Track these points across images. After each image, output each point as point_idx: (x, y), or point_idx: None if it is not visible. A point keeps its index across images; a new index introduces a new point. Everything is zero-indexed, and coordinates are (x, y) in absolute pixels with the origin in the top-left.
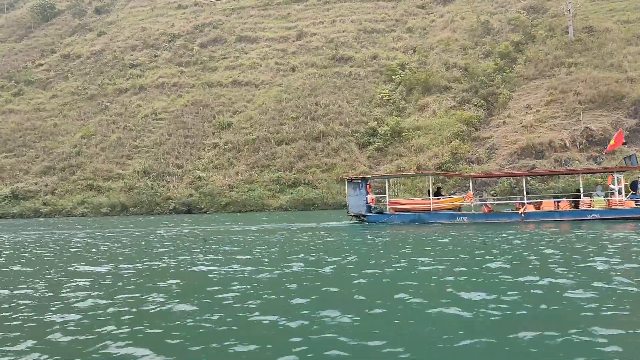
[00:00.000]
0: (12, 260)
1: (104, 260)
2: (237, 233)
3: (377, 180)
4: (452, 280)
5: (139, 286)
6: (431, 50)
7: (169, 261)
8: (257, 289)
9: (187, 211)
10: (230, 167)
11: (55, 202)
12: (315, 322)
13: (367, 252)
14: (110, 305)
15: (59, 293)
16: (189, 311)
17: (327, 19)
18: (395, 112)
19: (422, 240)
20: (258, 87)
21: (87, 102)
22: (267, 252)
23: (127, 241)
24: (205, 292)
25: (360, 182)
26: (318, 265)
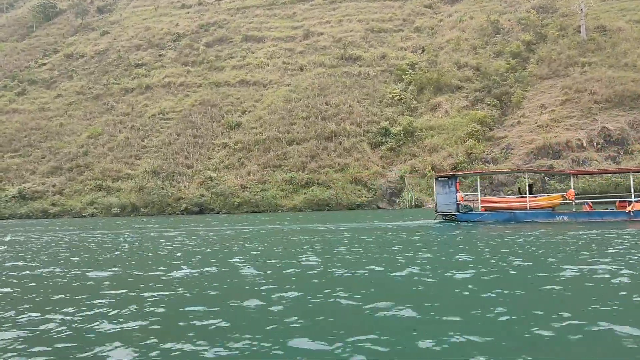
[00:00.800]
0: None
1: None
2: (324, 232)
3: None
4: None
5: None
6: (440, 50)
7: (348, 266)
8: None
9: (199, 212)
10: (241, 167)
11: (64, 202)
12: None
13: (516, 253)
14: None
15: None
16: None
17: (334, 19)
18: (407, 111)
19: (550, 241)
20: (266, 87)
21: (92, 102)
22: (413, 253)
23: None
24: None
25: (449, 180)
26: (496, 267)
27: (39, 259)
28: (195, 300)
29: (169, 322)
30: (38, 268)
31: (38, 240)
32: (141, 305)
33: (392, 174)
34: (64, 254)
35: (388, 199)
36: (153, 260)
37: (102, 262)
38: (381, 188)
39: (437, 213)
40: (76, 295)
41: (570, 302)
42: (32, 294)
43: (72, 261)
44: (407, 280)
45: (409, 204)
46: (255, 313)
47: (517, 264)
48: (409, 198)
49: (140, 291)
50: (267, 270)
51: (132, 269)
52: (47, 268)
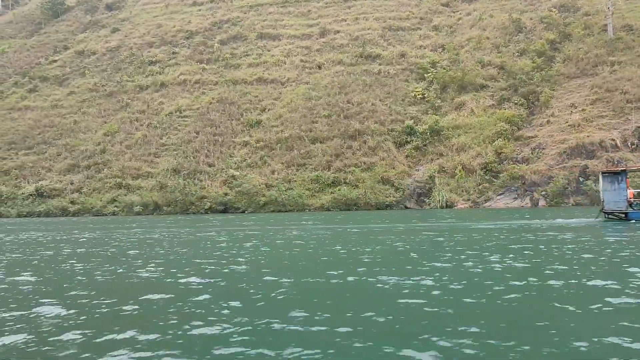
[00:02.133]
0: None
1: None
2: (473, 232)
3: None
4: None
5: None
6: (461, 48)
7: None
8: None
9: (223, 210)
10: (264, 166)
11: (83, 200)
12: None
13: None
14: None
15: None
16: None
17: (350, 17)
18: (431, 110)
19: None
20: (284, 85)
21: (106, 99)
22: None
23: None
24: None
25: (618, 175)
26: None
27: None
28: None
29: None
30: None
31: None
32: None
33: (419, 174)
34: (265, 257)
35: (416, 199)
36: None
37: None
38: (408, 188)
39: (602, 211)
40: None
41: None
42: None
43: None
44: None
45: (440, 204)
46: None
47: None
48: (440, 198)
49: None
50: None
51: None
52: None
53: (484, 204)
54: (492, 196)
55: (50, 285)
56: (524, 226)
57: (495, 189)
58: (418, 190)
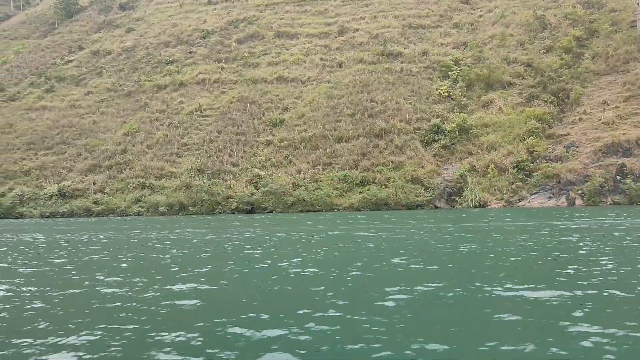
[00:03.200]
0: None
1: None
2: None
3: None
4: None
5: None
6: (484, 46)
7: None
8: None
9: (250, 211)
10: (289, 165)
11: (107, 200)
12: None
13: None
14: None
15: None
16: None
17: (368, 15)
18: (457, 108)
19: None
20: (305, 84)
21: (124, 99)
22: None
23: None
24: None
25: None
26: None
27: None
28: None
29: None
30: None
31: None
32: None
33: (448, 173)
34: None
35: (446, 199)
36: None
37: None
38: (438, 187)
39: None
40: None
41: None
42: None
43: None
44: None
45: (473, 204)
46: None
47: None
48: (472, 197)
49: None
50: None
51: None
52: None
53: (517, 203)
54: (526, 195)
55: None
56: (615, 226)
57: (529, 188)
58: (448, 190)
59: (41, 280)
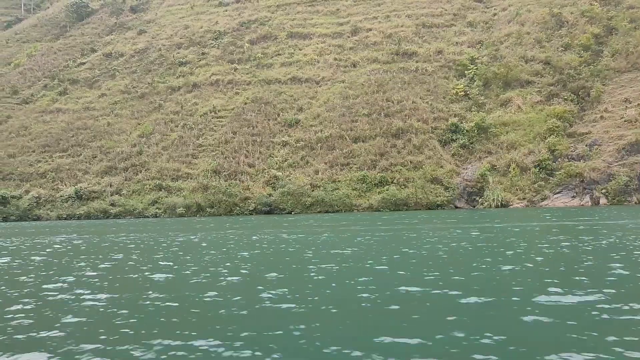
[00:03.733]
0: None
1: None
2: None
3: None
4: None
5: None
6: (500, 44)
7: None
8: None
9: (268, 212)
10: (307, 166)
11: (124, 202)
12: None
13: None
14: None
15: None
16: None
17: (381, 14)
18: (475, 107)
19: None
20: (319, 84)
21: (138, 101)
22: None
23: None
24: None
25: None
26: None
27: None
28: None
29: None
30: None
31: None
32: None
33: (467, 172)
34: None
35: (466, 199)
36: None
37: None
38: (458, 187)
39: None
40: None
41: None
42: None
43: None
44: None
45: (494, 204)
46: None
47: None
48: (494, 197)
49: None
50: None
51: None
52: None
53: (540, 202)
54: (549, 195)
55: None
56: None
57: (552, 188)
58: (468, 190)
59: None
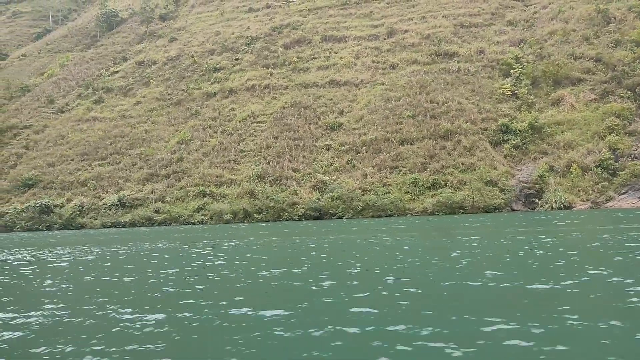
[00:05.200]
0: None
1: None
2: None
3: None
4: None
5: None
6: (545, 42)
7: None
8: None
9: (318, 217)
10: (353, 170)
11: (169, 209)
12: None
13: None
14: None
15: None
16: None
17: (416, 15)
18: (524, 107)
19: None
20: (358, 86)
21: (174, 108)
22: None
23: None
24: None
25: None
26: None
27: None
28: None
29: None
30: None
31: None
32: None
33: (523, 174)
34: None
35: (524, 201)
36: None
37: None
38: (514, 189)
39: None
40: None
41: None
42: None
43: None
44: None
45: (556, 206)
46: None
47: None
48: (556, 199)
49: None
50: None
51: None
52: None
53: (605, 204)
54: (614, 196)
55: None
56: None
57: (616, 188)
58: (525, 191)
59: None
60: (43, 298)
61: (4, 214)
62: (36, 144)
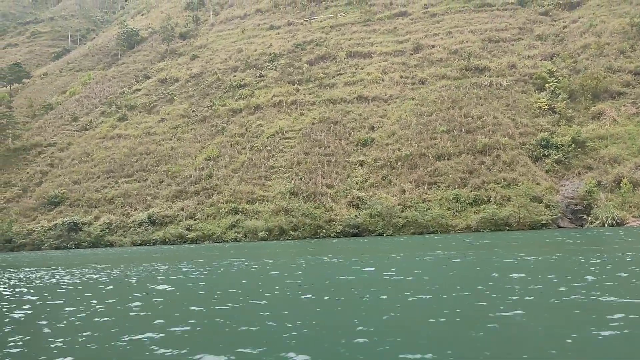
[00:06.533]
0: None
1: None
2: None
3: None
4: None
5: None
6: (577, 56)
7: None
8: None
9: (356, 234)
10: (390, 186)
11: (202, 227)
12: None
13: None
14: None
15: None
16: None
17: (442, 31)
18: (563, 121)
19: None
20: (387, 102)
21: (200, 124)
22: None
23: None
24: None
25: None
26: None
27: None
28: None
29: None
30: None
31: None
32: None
33: (567, 189)
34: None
35: (570, 217)
36: None
37: None
38: (559, 205)
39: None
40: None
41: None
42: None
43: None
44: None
45: (607, 222)
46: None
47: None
48: (607, 215)
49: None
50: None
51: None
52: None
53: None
54: None
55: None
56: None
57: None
58: (572, 207)
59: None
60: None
61: (31, 232)
62: (61, 162)
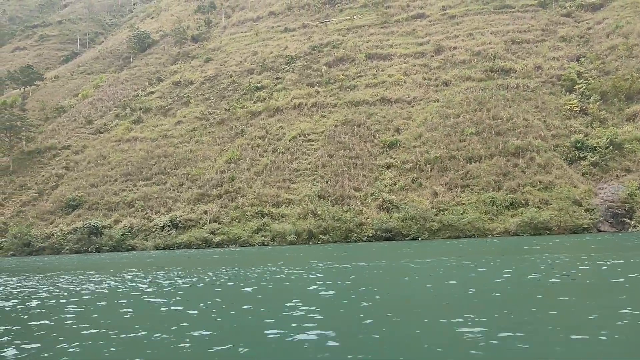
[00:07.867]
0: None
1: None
2: None
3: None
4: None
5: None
6: (605, 57)
7: None
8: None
9: (388, 238)
10: (420, 188)
11: (228, 230)
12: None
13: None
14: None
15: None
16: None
17: (462, 33)
18: (596, 123)
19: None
20: (411, 104)
21: (218, 127)
22: None
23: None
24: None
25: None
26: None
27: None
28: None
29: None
30: None
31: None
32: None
33: (606, 192)
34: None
35: (611, 221)
36: None
37: None
38: (599, 208)
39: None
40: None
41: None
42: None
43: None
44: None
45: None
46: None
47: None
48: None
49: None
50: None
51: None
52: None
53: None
54: None
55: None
56: None
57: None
58: (613, 211)
59: None
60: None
61: (50, 236)
62: (77, 165)
